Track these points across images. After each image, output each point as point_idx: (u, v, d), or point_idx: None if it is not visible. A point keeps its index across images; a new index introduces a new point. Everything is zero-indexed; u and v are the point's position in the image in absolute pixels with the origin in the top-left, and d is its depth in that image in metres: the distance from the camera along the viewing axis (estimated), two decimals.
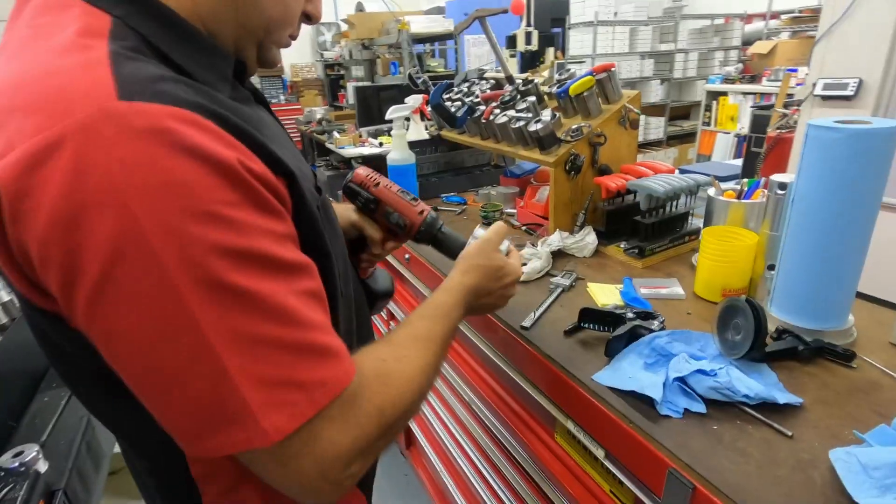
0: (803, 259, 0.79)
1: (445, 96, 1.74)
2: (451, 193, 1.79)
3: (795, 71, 3.63)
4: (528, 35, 5.35)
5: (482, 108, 1.50)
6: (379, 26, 5.35)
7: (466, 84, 1.76)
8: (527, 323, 0.93)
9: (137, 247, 0.37)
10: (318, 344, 0.44)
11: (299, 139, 6.27)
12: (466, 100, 1.58)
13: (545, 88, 1.47)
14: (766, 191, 1.02)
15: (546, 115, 1.27)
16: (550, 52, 6.31)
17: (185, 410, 0.40)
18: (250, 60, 0.56)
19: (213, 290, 0.39)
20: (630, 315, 0.85)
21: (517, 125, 1.31)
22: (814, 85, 2.00)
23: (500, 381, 1.07)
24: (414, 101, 1.75)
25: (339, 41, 6.59)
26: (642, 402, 0.72)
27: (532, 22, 5.62)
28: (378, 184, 0.76)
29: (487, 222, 1.47)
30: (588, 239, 1.21)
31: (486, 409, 1.12)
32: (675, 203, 1.17)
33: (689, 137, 6.06)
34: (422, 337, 0.59)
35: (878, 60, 1.85)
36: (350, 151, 4.22)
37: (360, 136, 4.45)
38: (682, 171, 1.19)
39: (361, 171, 0.77)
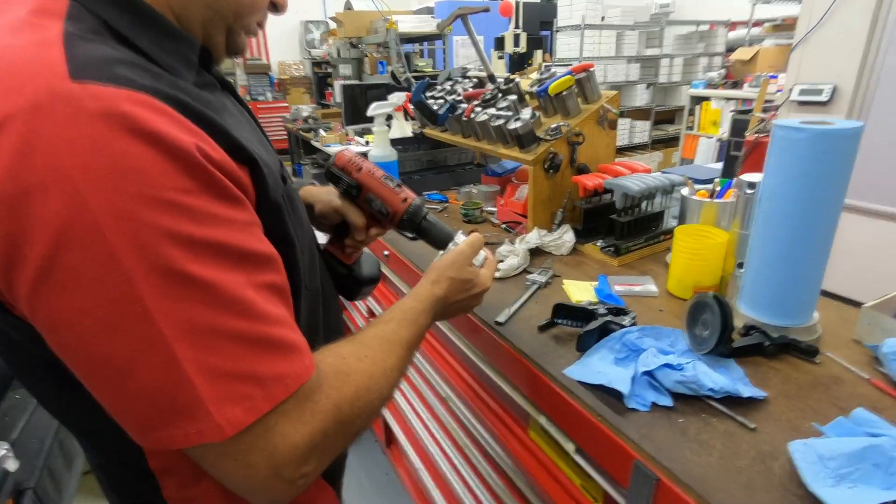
0: (770, 257, 0.81)
1: (429, 94, 1.74)
2: (434, 191, 1.80)
3: (776, 77, 3.70)
4: (517, 37, 5.36)
5: (464, 106, 1.51)
6: (367, 25, 5.33)
7: (450, 82, 1.77)
8: (501, 318, 0.94)
9: (86, 232, 0.36)
10: (277, 338, 0.43)
11: (286, 137, 6.23)
12: (449, 98, 1.58)
13: (527, 87, 1.48)
14: (737, 190, 1.04)
15: (526, 113, 1.28)
16: (538, 54, 6.36)
17: (135, 402, 0.39)
18: (218, 47, 0.55)
19: (167, 278, 0.38)
20: (602, 311, 0.86)
21: (497, 123, 1.31)
22: (790, 90, 2.04)
23: (476, 377, 1.08)
24: (397, 98, 1.75)
25: (326, 39, 6.56)
26: (611, 396, 0.73)
27: (520, 24, 5.64)
28: (360, 168, 0.73)
29: (468, 220, 1.48)
30: (566, 237, 1.22)
31: (463, 405, 1.13)
32: (650, 202, 1.18)
33: (673, 141, 6.14)
34: (387, 339, 0.59)
35: (852, 67, 1.90)
36: (336, 150, 4.20)
37: (347, 135, 4.43)
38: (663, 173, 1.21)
39: (344, 154, 0.74)
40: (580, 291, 1.02)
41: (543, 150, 1.24)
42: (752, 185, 0.89)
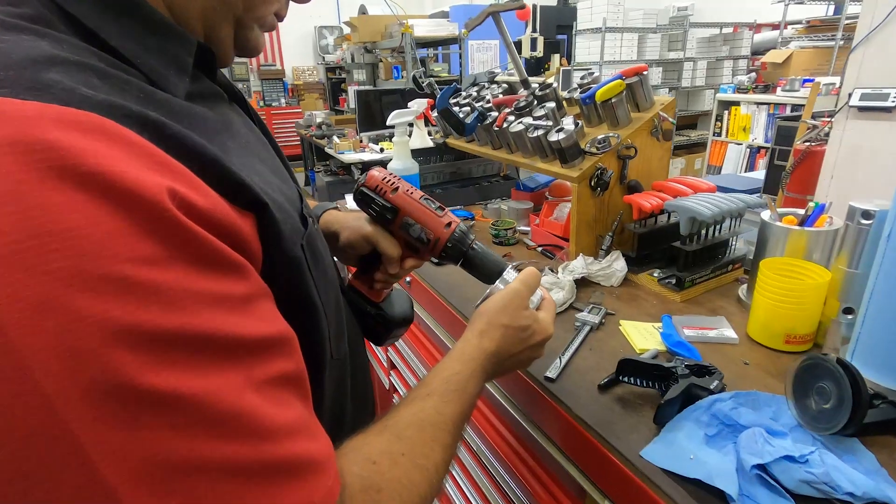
0: None
1: (452, 101, 1.59)
2: (458, 207, 1.64)
3: (811, 81, 3.50)
4: (534, 41, 5.20)
5: (494, 114, 1.35)
6: (382, 30, 5.22)
7: (475, 88, 1.62)
8: (552, 373, 0.77)
9: None
10: (291, 458, 0.31)
11: (298, 143, 6.14)
12: (476, 105, 1.43)
13: (564, 94, 1.32)
14: (831, 217, 0.87)
15: (568, 123, 1.12)
16: (556, 58, 6.19)
17: None
18: (224, 44, 0.42)
19: (112, 398, 0.24)
20: (682, 369, 0.70)
21: (535, 134, 1.16)
22: (849, 95, 1.85)
23: (519, 437, 0.91)
24: (418, 105, 1.61)
25: (340, 44, 6.47)
26: (704, 489, 0.56)
27: (538, 28, 5.48)
28: (396, 189, 0.62)
29: (499, 241, 1.32)
30: (616, 265, 1.06)
31: (502, 468, 0.96)
32: (718, 227, 1.01)
33: (696, 147, 5.93)
34: (428, 423, 0.44)
35: None
36: (350, 157, 4.09)
37: (361, 141, 4.31)
38: (721, 190, 1.04)
39: (376, 173, 0.63)
40: (643, 337, 0.86)
41: (590, 165, 1.08)
42: (867, 215, 0.72)
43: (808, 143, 2.08)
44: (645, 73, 1.12)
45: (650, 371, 0.71)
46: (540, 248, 1.26)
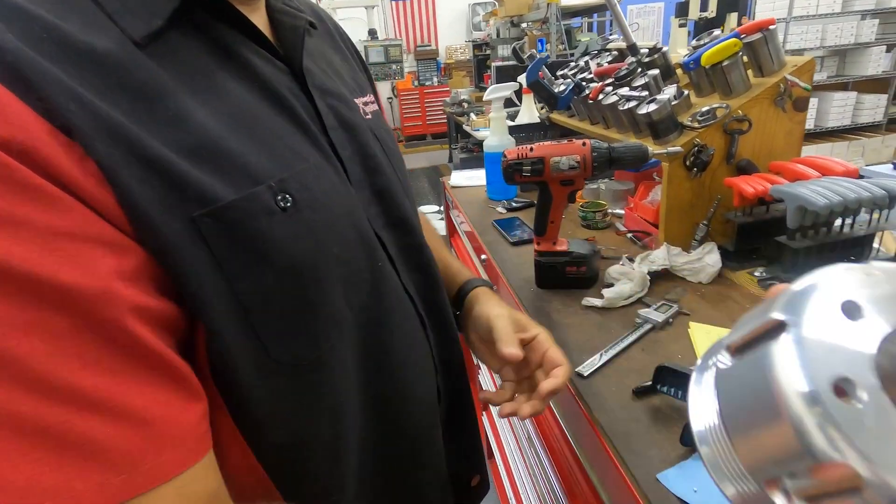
0: None
1: (560, 73, 1.50)
2: None
3: None
4: None
5: (594, 85, 1.24)
6: (529, 2, 5.06)
7: (586, 58, 1.49)
8: (585, 370, 0.71)
9: None
10: (63, 428, 0.26)
11: (446, 122, 6.35)
12: (576, 76, 1.32)
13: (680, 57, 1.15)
14: None
15: (669, 92, 0.98)
16: (733, 17, 5.36)
17: None
18: None
19: None
20: None
21: (627, 106, 1.03)
22: None
23: (562, 430, 0.86)
24: (522, 79, 1.54)
25: (488, 20, 6.44)
26: None
27: None
28: (532, 148, 0.84)
29: (587, 225, 1.22)
30: (708, 259, 0.91)
31: (546, 458, 0.92)
32: (849, 220, 0.80)
33: None
34: None
35: None
36: (484, 134, 4.11)
37: None
38: (863, 177, 0.81)
39: (509, 152, 0.85)
40: (712, 342, 0.73)
41: (686, 141, 0.93)
42: None
43: None
44: (771, 27, 0.92)
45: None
46: (630, 234, 1.14)
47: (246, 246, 0.35)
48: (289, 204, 0.37)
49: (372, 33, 5.79)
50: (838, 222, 0.80)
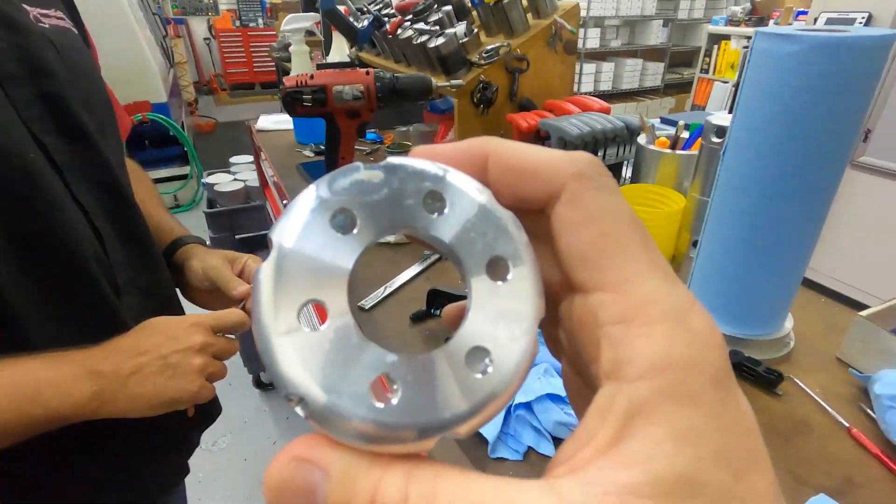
0: (728, 238, 0.55)
1: (369, 4, 1.43)
2: (372, 131, 1.52)
3: (806, 13, 3.24)
4: None
5: (394, 20, 1.20)
6: None
7: None
8: (367, 303, 0.70)
9: None
10: None
11: (274, 69, 5.79)
12: (381, 11, 1.27)
13: None
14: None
15: (458, 28, 0.99)
16: None
17: None
18: None
19: None
20: None
21: (420, 40, 1.02)
22: (815, 20, 1.68)
23: None
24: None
25: None
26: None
27: None
28: (312, 76, 0.79)
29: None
30: None
31: None
32: (602, 152, 0.91)
33: (689, 86, 5.65)
34: None
35: None
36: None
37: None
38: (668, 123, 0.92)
39: (288, 79, 0.80)
40: None
41: (472, 77, 0.95)
42: (721, 132, 0.62)
43: None
44: None
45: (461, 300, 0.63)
46: None
47: None
48: None
49: None
50: (599, 155, 0.90)
